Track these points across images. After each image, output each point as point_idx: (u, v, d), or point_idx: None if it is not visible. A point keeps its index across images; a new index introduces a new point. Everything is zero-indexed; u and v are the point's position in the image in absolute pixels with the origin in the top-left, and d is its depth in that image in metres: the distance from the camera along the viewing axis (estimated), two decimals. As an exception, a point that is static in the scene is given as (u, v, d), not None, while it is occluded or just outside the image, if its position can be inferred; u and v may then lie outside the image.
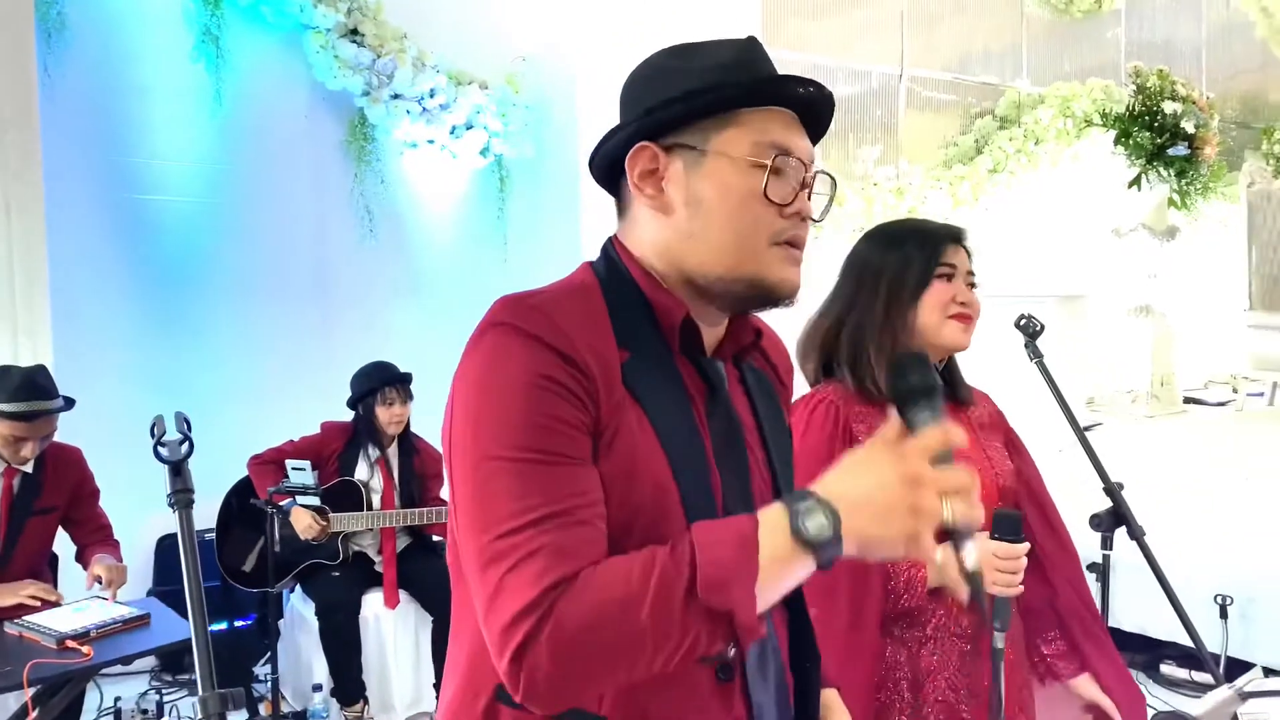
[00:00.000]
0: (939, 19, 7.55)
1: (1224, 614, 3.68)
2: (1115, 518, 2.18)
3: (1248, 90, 9.68)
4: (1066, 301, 5.23)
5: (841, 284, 1.70)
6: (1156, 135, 7.03)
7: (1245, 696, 1.38)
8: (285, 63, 4.56)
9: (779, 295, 1.06)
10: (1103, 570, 2.24)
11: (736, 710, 1.04)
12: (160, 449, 1.11)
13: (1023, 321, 2.21)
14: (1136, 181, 7.16)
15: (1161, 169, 7.15)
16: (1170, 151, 7.04)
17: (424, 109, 4.78)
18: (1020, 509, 1.66)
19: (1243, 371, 7.46)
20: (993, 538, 1.51)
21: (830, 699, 1.22)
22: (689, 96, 1.03)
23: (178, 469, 1.11)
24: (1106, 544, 2.20)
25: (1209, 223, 7.93)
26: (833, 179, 1.13)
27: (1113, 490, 2.17)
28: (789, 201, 1.03)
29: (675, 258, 1.06)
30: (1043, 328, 2.22)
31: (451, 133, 4.92)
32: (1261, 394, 7.38)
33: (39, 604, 2.90)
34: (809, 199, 1.06)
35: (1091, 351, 7.09)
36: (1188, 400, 7.69)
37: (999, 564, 1.48)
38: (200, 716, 1.02)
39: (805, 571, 0.91)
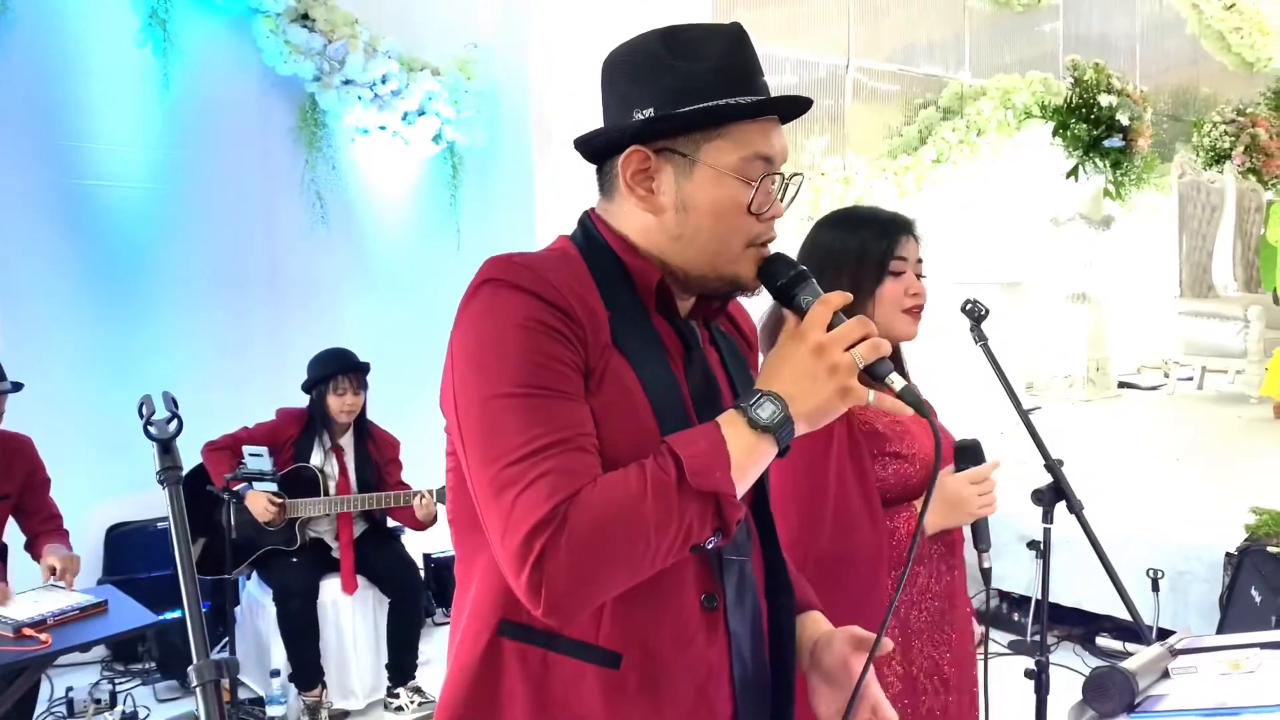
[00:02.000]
0: (884, 10, 7.68)
1: (1155, 587, 3.84)
2: (1056, 493, 2.28)
3: (1179, 84, 10.00)
4: (1007, 288, 5.40)
5: None
6: (1093, 127, 7.23)
7: (1176, 653, 1.48)
8: (235, 47, 4.50)
9: (747, 289, 1.16)
10: (1043, 546, 2.36)
11: (719, 638, 1.13)
12: (150, 427, 1.13)
13: (968, 306, 2.29)
14: (1074, 172, 7.36)
15: (1098, 160, 7.35)
16: (1106, 143, 7.25)
17: (376, 95, 4.76)
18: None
19: (1174, 357, 7.72)
20: (959, 469, 1.66)
21: (816, 618, 1.29)
22: (687, 114, 1.08)
23: (166, 446, 1.13)
24: (1047, 518, 2.31)
25: (1142, 212, 8.20)
26: (803, 177, 1.19)
27: (1053, 466, 2.27)
28: (766, 208, 1.12)
29: (659, 251, 1.14)
30: (987, 312, 2.30)
31: (404, 119, 4.90)
32: (1191, 378, 7.64)
33: None
34: (781, 200, 1.14)
35: (1030, 337, 7.29)
36: (1122, 385, 7.94)
37: (974, 489, 1.63)
38: (195, 684, 1.05)
39: (770, 455, 1.04)
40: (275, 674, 3.58)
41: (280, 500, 3.64)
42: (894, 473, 1.68)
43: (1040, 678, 1.99)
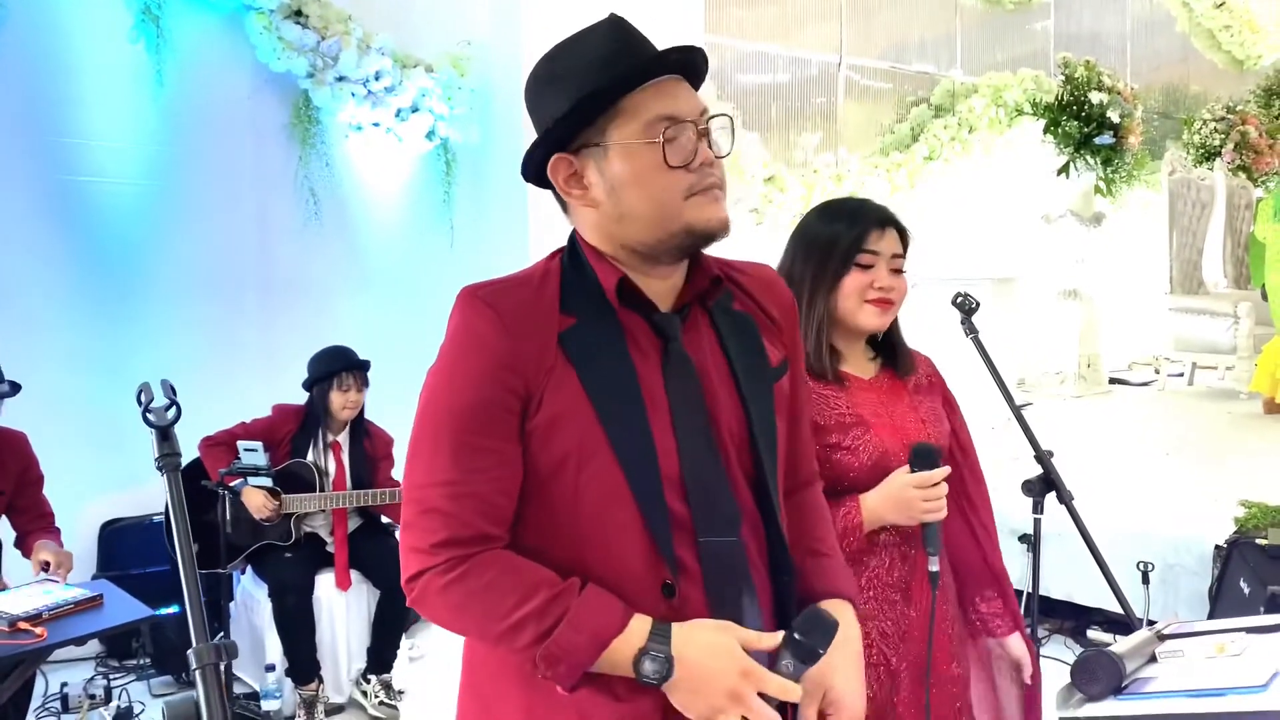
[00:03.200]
0: (876, 9, 7.71)
1: (1145, 580, 3.86)
2: (1046, 483, 2.31)
3: (1169, 82, 10.06)
4: (998, 284, 5.42)
5: (785, 254, 1.79)
6: (1084, 124, 7.26)
7: (1163, 638, 1.50)
8: (228, 43, 4.50)
9: (711, 233, 1.20)
10: (1034, 537, 2.38)
11: (696, 617, 1.16)
12: (148, 414, 1.15)
13: (959, 299, 2.31)
14: (1065, 169, 7.39)
15: (1088, 157, 7.38)
16: (1097, 140, 7.28)
17: (369, 92, 4.77)
18: (952, 466, 1.77)
19: (1164, 353, 7.76)
20: (912, 470, 1.64)
21: (840, 608, 1.29)
22: (573, 110, 1.16)
23: (165, 433, 1.15)
24: (1038, 508, 2.33)
25: (1133, 209, 8.23)
26: (729, 116, 1.24)
27: (1043, 457, 2.29)
28: (690, 159, 1.16)
29: (615, 238, 1.21)
30: (978, 305, 2.32)
31: (397, 116, 4.91)
32: (1181, 374, 7.68)
33: None
34: (710, 145, 1.19)
35: (1022, 333, 7.33)
36: (1113, 381, 7.98)
37: (919, 493, 1.61)
38: (195, 667, 1.06)
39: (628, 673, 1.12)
40: (270, 668, 3.58)
41: (277, 500, 3.64)
42: (833, 462, 1.66)
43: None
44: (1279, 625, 1.46)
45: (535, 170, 1.24)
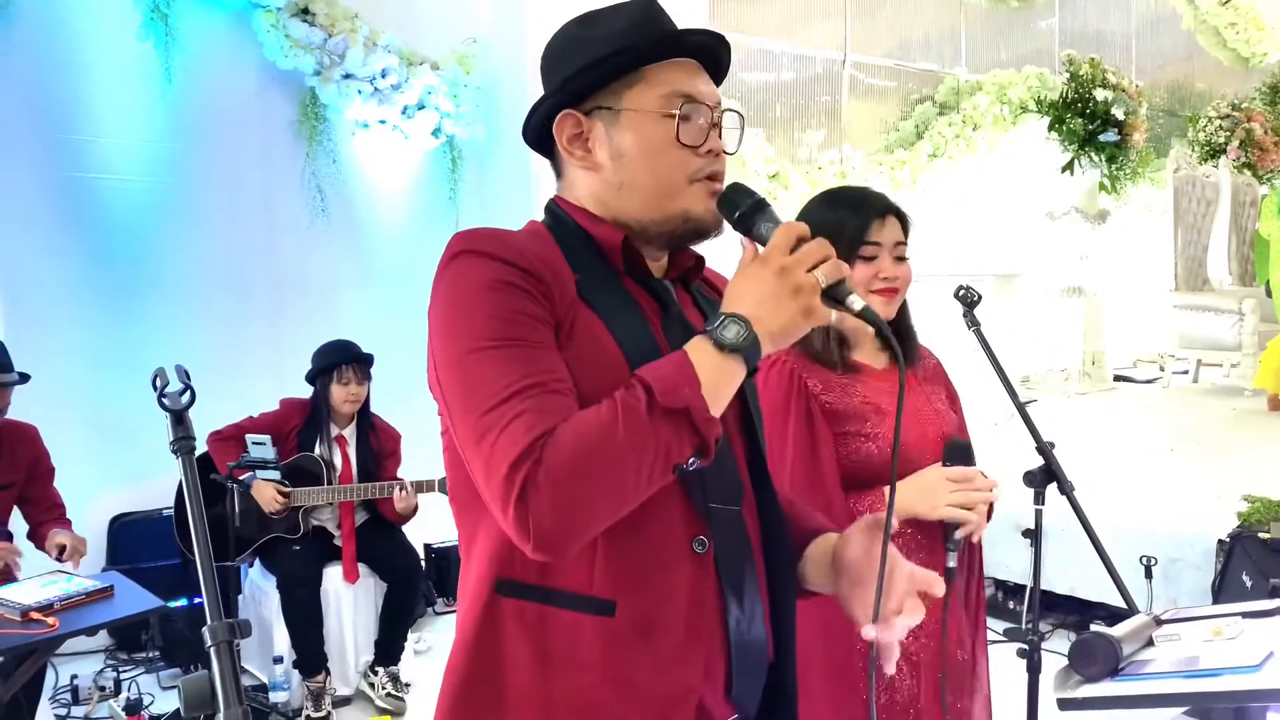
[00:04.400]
0: (880, 6, 7.72)
1: (1149, 574, 3.88)
2: (1047, 475, 2.33)
3: (1174, 79, 10.05)
4: (1001, 281, 5.43)
5: None
6: (1088, 122, 7.26)
7: (1161, 622, 1.52)
8: (235, 41, 4.54)
9: (706, 226, 1.19)
10: (1035, 528, 2.40)
11: (710, 580, 1.15)
12: (164, 399, 1.17)
13: (961, 292, 2.33)
14: (1069, 166, 7.40)
15: (1093, 154, 7.38)
16: (1101, 137, 7.28)
17: (375, 89, 4.81)
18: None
19: (1169, 350, 7.76)
20: (945, 464, 1.64)
21: (829, 538, 1.28)
22: (597, 63, 1.15)
23: (180, 417, 1.17)
24: (1039, 499, 2.35)
25: (1137, 207, 8.23)
26: (740, 115, 1.24)
27: (1044, 449, 2.31)
28: (701, 142, 1.16)
29: (611, 207, 1.19)
30: (980, 298, 2.33)
31: (403, 113, 4.95)
32: (1186, 371, 7.68)
33: (2, 566, 2.89)
34: (720, 137, 1.19)
35: (1025, 330, 7.34)
36: (1118, 378, 7.98)
37: (948, 484, 1.61)
38: (209, 644, 1.09)
39: (739, 374, 1.06)
40: (278, 660, 3.61)
41: (287, 494, 3.68)
42: (854, 450, 1.67)
43: (1032, 657, 2.02)
44: (1275, 610, 1.48)
45: (537, 127, 1.22)
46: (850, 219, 1.72)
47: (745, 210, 1.12)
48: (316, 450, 3.80)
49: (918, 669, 1.68)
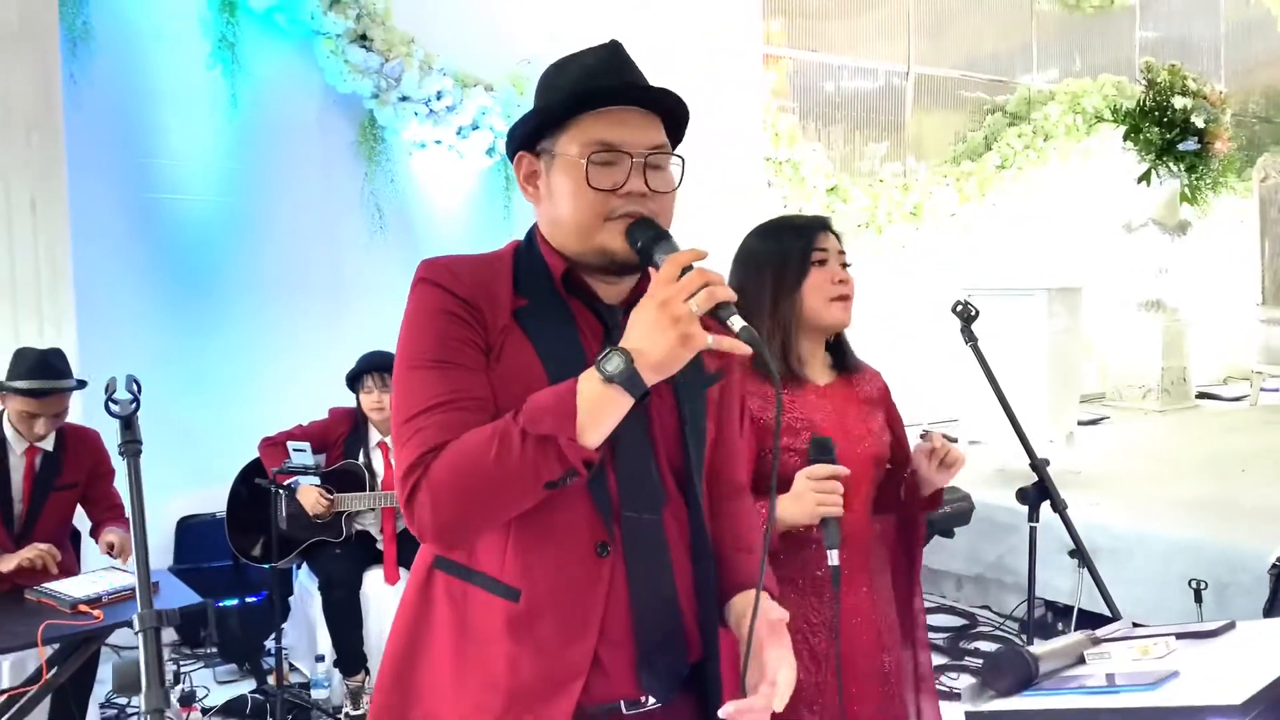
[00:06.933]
0: (948, 19, 7.63)
1: (1198, 598, 3.75)
2: (1040, 491, 2.30)
3: (1270, 84, 9.64)
4: (1059, 295, 5.30)
5: (731, 277, 1.84)
6: (1166, 130, 7.05)
7: (1097, 641, 1.51)
8: (298, 67, 4.77)
9: (620, 260, 1.26)
10: (1029, 545, 2.38)
11: (613, 583, 1.26)
12: (112, 405, 1.29)
13: (959, 307, 2.32)
14: (1146, 176, 7.18)
15: (1172, 164, 7.16)
16: (1180, 146, 7.06)
17: (431, 111, 4.97)
18: (898, 477, 1.81)
19: (1255, 366, 7.44)
20: (810, 463, 1.65)
21: (745, 597, 1.34)
22: (537, 112, 1.30)
23: (128, 422, 1.29)
24: (1033, 516, 2.32)
25: (1221, 218, 7.92)
26: (680, 158, 1.32)
27: (1038, 466, 2.29)
28: (619, 184, 1.25)
29: (554, 238, 1.33)
30: (978, 313, 2.33)
31: (458, 133, 5.10)
32: (1277, 389, 7.36)
33: (41, 566, 3.06)
34: (643, 178, 1.26)
35: (1096, 345, 7.12)
36: (1202, 395, 7.69)
37: (812, 484, 1.62)
38: (136, 630, 1.19)
39: (624, 403, 1.14)
40: (320, 659, 3.76)
41: (331, 498, 3.83)
42: (783, 463, 1.69)
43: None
44: (1216, 631, 1.45)
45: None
46: (793, 240, 1.79)
47: (644, 243, 1.22)
48: (360, 457, 3.95)
49: (825, 664, 1.71)
